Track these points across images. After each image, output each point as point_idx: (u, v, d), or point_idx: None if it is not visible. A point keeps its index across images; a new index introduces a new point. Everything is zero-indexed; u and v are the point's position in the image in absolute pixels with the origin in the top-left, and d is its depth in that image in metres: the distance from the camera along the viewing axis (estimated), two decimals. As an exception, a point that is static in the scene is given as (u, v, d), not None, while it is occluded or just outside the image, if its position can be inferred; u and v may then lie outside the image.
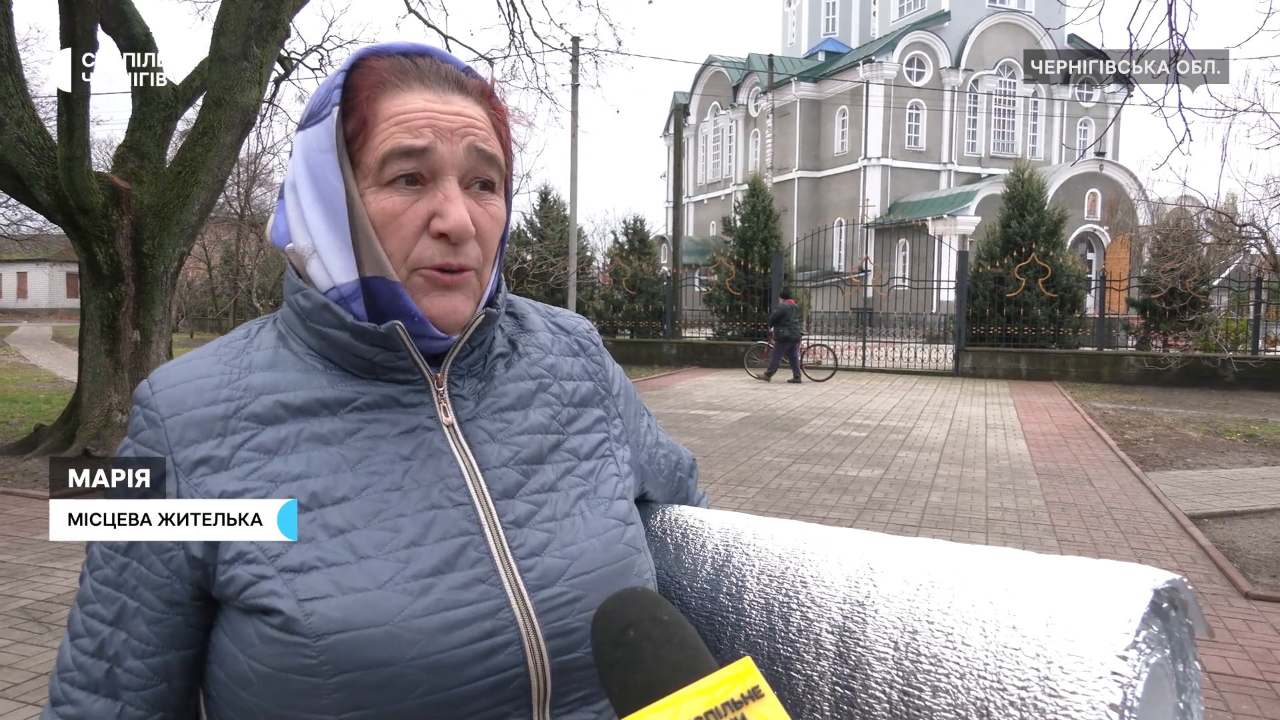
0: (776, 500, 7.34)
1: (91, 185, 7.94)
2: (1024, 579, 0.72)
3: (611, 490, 0.90)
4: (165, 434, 0.78)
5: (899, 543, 0.83)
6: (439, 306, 0.81)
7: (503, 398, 0.88)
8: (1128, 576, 0.68)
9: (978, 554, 0.78)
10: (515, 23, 13.40)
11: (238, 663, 0.74)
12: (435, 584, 0.75)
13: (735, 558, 0.91)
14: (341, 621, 0.71)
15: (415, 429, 0.82)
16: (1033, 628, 0.67)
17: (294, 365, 0.82)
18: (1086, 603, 0.67)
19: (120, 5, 8.67)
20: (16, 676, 3.79)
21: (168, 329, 8.96)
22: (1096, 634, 0.65)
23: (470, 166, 0.81)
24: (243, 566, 0.74)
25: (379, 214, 0.79)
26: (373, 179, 0.79)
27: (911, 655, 0.72)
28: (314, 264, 0.82)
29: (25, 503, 6.87)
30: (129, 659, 0.77)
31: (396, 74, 0.81)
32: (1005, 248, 19.68)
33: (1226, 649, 4.30)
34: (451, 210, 0.79)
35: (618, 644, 0.66)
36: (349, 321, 0.80)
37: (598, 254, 28.78)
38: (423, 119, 0.79)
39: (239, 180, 27.45)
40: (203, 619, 0.78)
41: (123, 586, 0.78)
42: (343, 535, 0.75)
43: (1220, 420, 12.41)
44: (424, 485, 0.79)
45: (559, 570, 0.80)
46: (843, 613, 0.79)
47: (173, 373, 0.82)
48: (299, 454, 0.78)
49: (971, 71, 44.62)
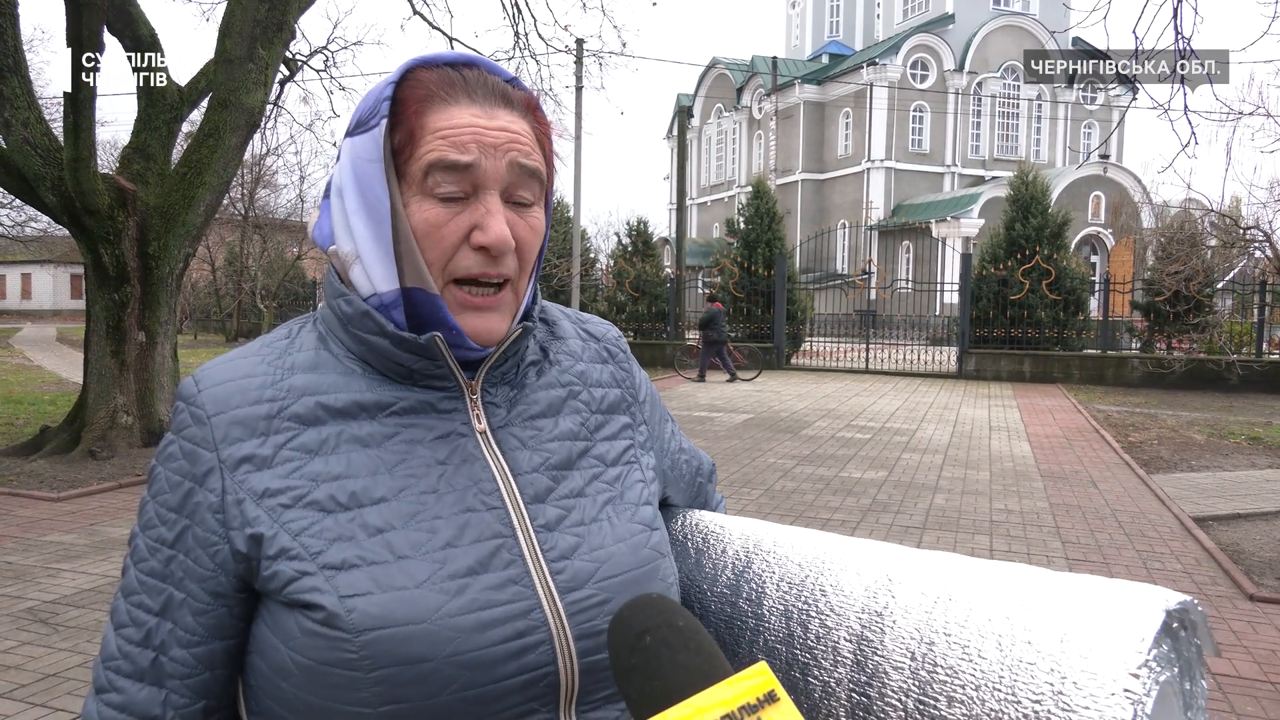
0: (780, 502, 7.34)
1: (97, 186, 7.96)
2: (1039, 596, 0.73)
3: (637, 496, 0.92)
4: (211, 431, 0.80)
5: (917, 555, 0.85)
6: (475, 325, 0.84)
7: (534, 405, 0.90)
8: (1141, 596, 0.70)
9: (994, 569, 0.79)
10: (520, 25, 13.39)
11: (279, 654, 0.77)
12: (470, 584, 0.77)
13: (755, 564, 0.93)
14: (381, 618, 0.73)
15: (450, 434, 0.84)
16: (1047, 643, 0.69)
17: (334, 368, 0.85)
18: (1100, 621, 0.68)
19: (126, 6, 8.70)
20: (24, 678, 3.80)
21: (173, 330, 8.98)
22: (1110, 651, 0.66)
23: (512, 180, 0.83)
24: (285, 562, 0.76)
25: (422, 224, 0.81)
26: (417, 189, 0.81)
27: (928, 666, 0.74)
28: (356, 270, 0.85)
29: (31, 504, 6.88)
30: (174, 648, 0.79)
31: (444, 87, 0.82)
32: (1009, 250, 19.66)
33: (1231, 651, 4.30)
34: (492, 224, 0.81)
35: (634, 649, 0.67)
36: (390, 330, 0.82)
37: (601, 256, 28.86)
38: (468, 134, 0.81)
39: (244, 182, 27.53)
40: (245, 610, 0.81)
41: (169, 578, 0.80)
42: (381, 535, 0.77)
43: (1225, 423, 12.39)
44: (459, 489, 0.82)
45: (588, 573, 0.82)
46: (861, 622, 0.80)
47: (218, 371, 0.84)
48: (339, 455, 0.80)
49: (975, 74, 44.61)
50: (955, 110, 44.62)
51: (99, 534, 6.06)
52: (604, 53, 20.43)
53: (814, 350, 23.33)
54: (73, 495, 7.08)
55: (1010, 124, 46.30)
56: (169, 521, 0.80)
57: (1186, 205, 18.99)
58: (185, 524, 0.79)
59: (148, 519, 0.82)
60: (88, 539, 5.94)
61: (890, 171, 44.65)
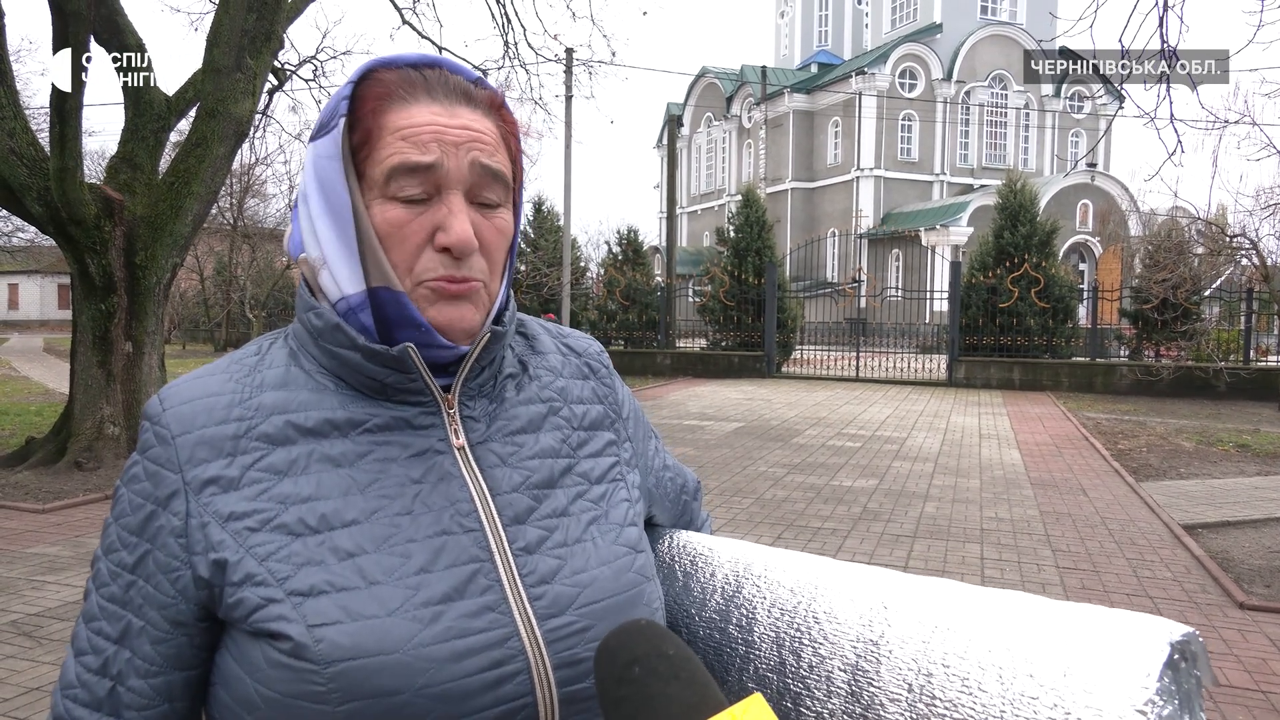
0: (771, 511, 7.33)
1: (84, 196, 7.91)
2: (1040, 626, 0.72)
3: (622, 516, 0.89)
4: (176, 452, 0.77)
5: (913, 581, 0.83)
6: (446, 315, 0.81)
7: (514, 420, 0.88)
8: (1144, 629, 0.68)
9: (992, 597, 0.77)
10: (509, 34, 13.40)
11: (244, 686, 0.74)
12: (445, 611, 0.74)
13: (746, 589, 0.90)
14: (351, 649, 0.71)
15: (426, 452, 0.81)
16: (1050, 677, 0.67)
17: (305, 384, 0.82)
18: (1104, 654, 0.67)
19: (114, 16, 8.66)
20: (7, 692, 3.76)
21: (160, 340, 8.93)
22: (1114, 686, 0.64)
23: (475, 181, 0.81)
24: (251, 589, 0.73)
25: (384, 225, 0.79)
26: (378, 191, 0.79)
27: (926, 698, 0.72)
28: (324, 274, 0.82)
29: (16, 515, 6.82)
30: (132, 678, 0.77)
31: (404, 86, 0.80)
32: (998, 258, 19.73)
33: (1221, 660, 4.30)
34: (455, 224, 0.79)
35: (623, 680, 0.64)
36: (360, 343, 0.80)
37: (592, 264, 28.80)
38: (429, 133, 0.79)
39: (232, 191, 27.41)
40: (207, 640, 0.78)
41: (128, 604, 0.77)
42: (352, 559, 0.74)
43: (1213, 430, 12.44)
44: (435, 510, 0.79)
45: (569, 599, 0.79)
46: (856, 651, 0.78)
47: (184, 390, 0.81)
48: (309, 475, 0.77)
49: (964, 83, 44.85)
50: (944, 119, 44.84)
51: (84, 546, 6.01)
52: (594, 62, 20.57)
53: (804, 358, 23.34)
54: (58, 507, 7.02)
55: (998, 133, 46.55)
56: (130, 545, 0.77)
57: (1174, 213, 19.08)
58: (146, 548, 0.77)
59: (110, 542, 0.79)
60: (73, 551, 5.89)
61: (879, 180, 44.83)
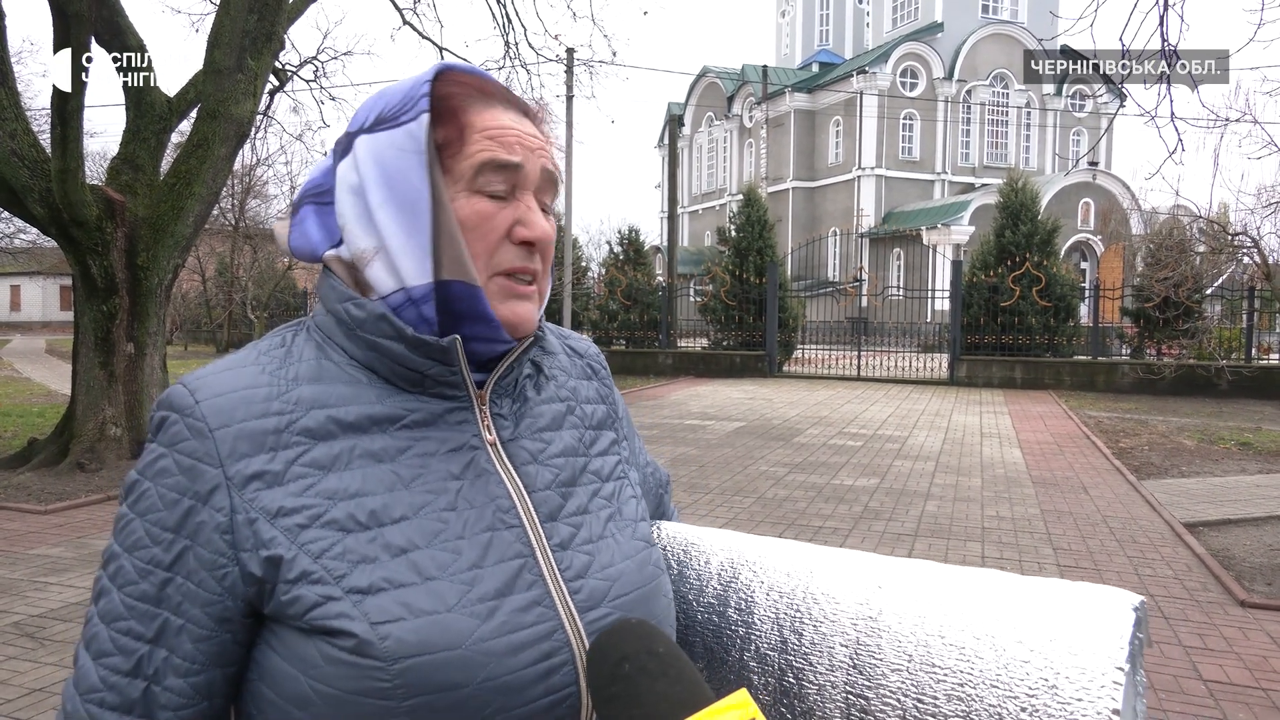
0: (773, 510, 7.33)
1: (85, 198, 7.92)
2: (1021, 599, 0.80)
3: (634, 512, 0.93)
4: (215, 446, 0.76)
5: (904, 564, 0.88)
6: (515, 313, 0.85)
7: (539, 419, 0.90)
8: (1110, 597, 0.77)
9: (976, 576, 0.84)
10: (510, 34, 13.42)
11: (297, 684, 0.73)
12: (499, 606, 0.76)
13: (743, 574, 0.94)
14: (418, 645, 0.71)
15: (462, 447, 0.83)
16: (1038, 643, 0.75)
17: (339, 378, 0.82)
18: (1083, 621, 0.75)
19: (115, 18, 8.67)
20: (9, 693, 3.76)
21: (162, 341, 8.94)
22: (1096, 649, 0.73)
23: (542, 184, 0.86)
24: (308, 587, 0.73)
25: (472, 216, 0.82)
26: (465, 185, 0.82)
27: (927, 667, 0.78)
28: (376, 266, 0.82)
29: (19, 517, 6.83)
30: (170, 677, 0.75)
31: (482, 90, 0.85)
32: (999, 257, 19.72)
33: (1223, 658, 4.30)
34: (536, 220, 0.84)
35: (614, 678, 0.66)
36: (408, 333, 0.80)
37: (593, 264, 28.82)
38: (513, 136, 0.83)
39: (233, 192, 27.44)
40: (249, 636, 0.77)
41: (164, 602, 0.75)
42: (405, 555, 0.75)
43: (1214, 428, 12.43)
44: (477, 506, 0.80)
45: (602, 592, 0.82)
46: (856, 628, 0.83)
47: (217, 381, 0.79)
48: (353, 471, 0.77)
49: (965, 82, 44.84)
50: (945, 118, 44.83)
51: (87, 547, 6.02)
52: (594, 62, 20.59)
53: (806, 358, 23.34)
54: (60, 508, 7.03)
55: (999, 131, 46.54)
56: (164, 542, 0.75)
57: (1175, 212, 19.05)
58: (185, 544, 0.75)
59: (136, 539, 0.76)
60: (75, 552, 5.90)
61: (881, 179, 44.83)
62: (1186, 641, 4.49)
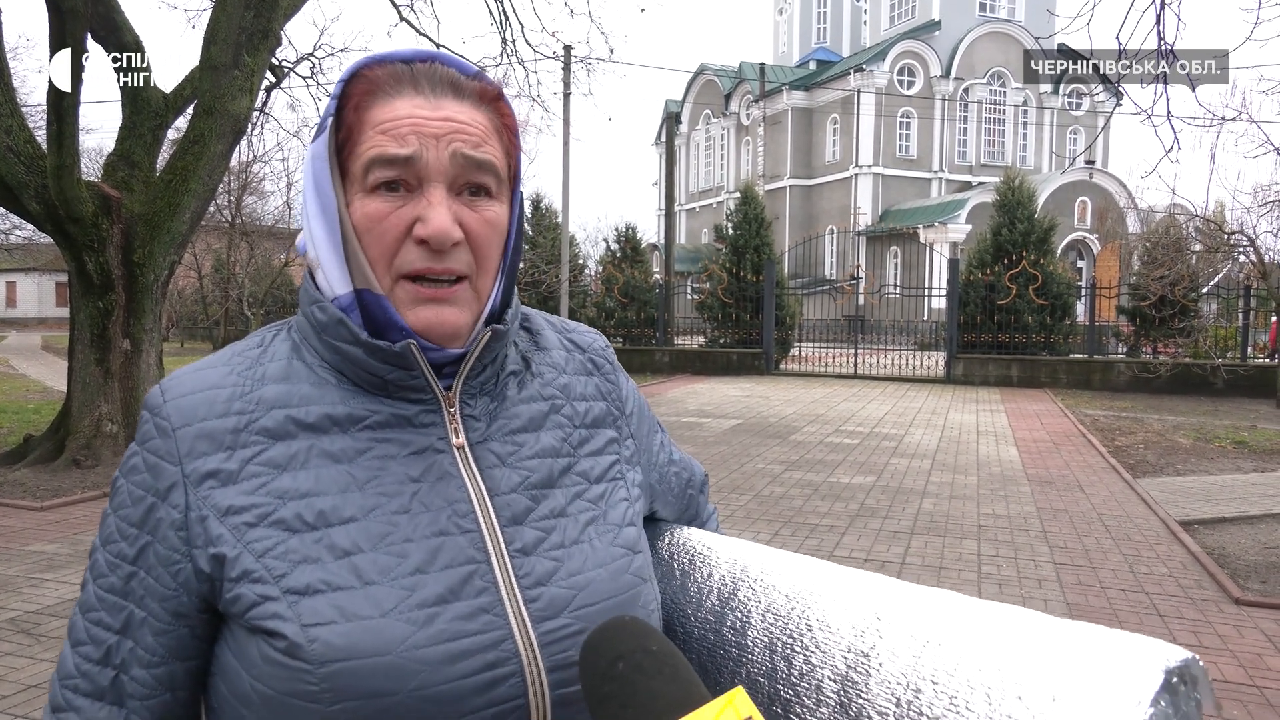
0: (769, 508, 7.34)
1: (81, 194, 7.91)
2: (1032, 646, 0.70)
3: (620, 516, 0.88)
4: (176, 444, 0.77)
5: (908, 591, 0.82)
6: (424, 318, 0.80)
7: (514, 419, 0.87)
8: (1140, 652, 0.66)
9: (985, 611, 0.76)
10: (507, 31, 13.42)
11: (241, 681, 0.74)
12: (439, 613, 0.74)
13: (742, 591, 0.90)
14: (345, 650, 0.70)
15: (425, 450, 0.81)
16: (1038, 701, 0.65)
17: (307, 378, 0.81)
18: (1096, 679, 0.64)
19: (111, 14, 8.65)
20: (6, 689, 3.76)
21: (158, 338, 8.92)
22: (1104, 715, 0.62)
23: (458, 172, 0.80)
24: (248, 585, 0.73)
25: (362, 220, 0.79)
26: (359, 186, 0.79)
27: (913, 714, 0.71)
28: (319, 275, 0.82)
29: (15, 513, 6.82)
30: (135, 668, 0.77)
31: (390, 81, 0.80)
32: (996, 255, 19.74)
33: (1217, 655, 4.31)
34: (433, 215, 0.78)
35: (607, 677, 0.65)
36: (363, 338, 0.79)
37: (590, 262, 28.78)
38: (407, 125, 0.78)
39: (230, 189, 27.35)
40: (208, 631, 0.78)
41: (129, 595, 0.77)
42: (349, 558, 0.74)
43: (1210, 427, 12.46)
44: (433, 510, 0.78)
45: (564, 601, 0.79)
46: (846, 662, 0.78)
47: (185, 382, 0.81)
48: (308, 471, 0.77)
49: (962, 80, 44.84)
50: (942, 116, 44.84)
51: (82, 544, 6.01)
52: (592, 59, 20.52)
53: (803, 355, 23.33)
54: (56, 504, 7.02)
55: (996, 130, 46.55)
56: (130, 537, 0.77)
57: (1171, 210, 19.09)
58: (147, 540, 0.76)
59: (109, 533, 0.79)
60: (71, 549, 5.89)
61: (878, 177, 44.83)
62: (1181, 639, 4.50)
